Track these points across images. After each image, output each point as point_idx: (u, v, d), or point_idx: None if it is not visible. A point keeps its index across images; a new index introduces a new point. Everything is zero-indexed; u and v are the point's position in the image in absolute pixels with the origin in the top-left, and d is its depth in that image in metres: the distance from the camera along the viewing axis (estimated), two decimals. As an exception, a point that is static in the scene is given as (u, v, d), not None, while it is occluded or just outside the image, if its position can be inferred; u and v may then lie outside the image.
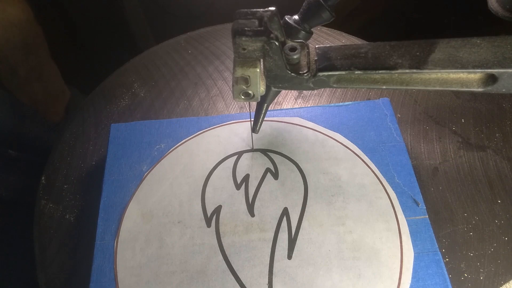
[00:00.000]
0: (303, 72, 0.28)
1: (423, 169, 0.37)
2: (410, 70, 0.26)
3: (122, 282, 0.29)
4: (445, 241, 0.32)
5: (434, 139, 0.39)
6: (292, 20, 0.30)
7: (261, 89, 0.29)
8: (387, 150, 0.35)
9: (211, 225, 0.32)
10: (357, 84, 0.28)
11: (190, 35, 0.52)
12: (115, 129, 0.38)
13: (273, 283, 0.29)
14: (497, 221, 0.33)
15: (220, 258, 0.30)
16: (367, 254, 0.30)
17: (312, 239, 0.31)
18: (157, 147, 0.37)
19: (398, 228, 0.31)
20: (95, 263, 0.30)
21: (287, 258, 0.30)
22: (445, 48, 0.26)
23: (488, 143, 0.38)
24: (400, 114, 0.41)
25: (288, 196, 0.33)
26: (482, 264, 0.31)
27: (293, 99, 0.43)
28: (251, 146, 0.36)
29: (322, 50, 0.29)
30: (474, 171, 0.36)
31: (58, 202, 0.37)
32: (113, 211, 0.33)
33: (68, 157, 0.40)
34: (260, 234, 0.31)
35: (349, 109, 0.39)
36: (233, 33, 0.26)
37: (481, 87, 0.26)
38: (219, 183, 0.34)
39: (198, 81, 0.46)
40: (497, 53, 0.25)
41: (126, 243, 0.31)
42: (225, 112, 0.42)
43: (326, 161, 0.35)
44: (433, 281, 0.28)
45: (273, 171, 0.35)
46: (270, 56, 0.26)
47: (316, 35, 0.49)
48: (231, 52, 0.40)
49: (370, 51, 0.27)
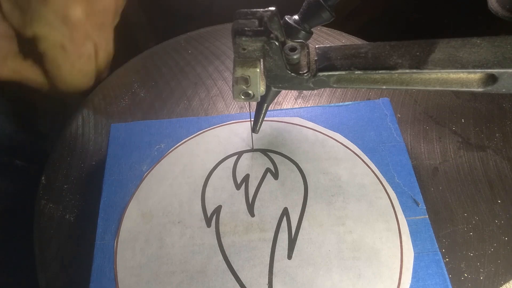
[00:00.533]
0: (303, 72, 0.28)
1: (423, 169, 0.37)
2: (410, 70, 0.26)
3: (122, 282, 0.29)
4: (445, 241, 0.32)
5: (434, 139, 0.39)
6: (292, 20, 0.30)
7: (261, 89, 0.29)
8: (387, 150, 0.35)
9: (211, 225, 0.32)
10: (357, 84, 0.28)
11: (190, 35, 0.52)
12: (115, 129, 0.38)
13: (273, 283, 0.29)
14: (497, 221, 0.33)
15: (220, 258, 0.30)
16: (367, 254, 0.30)
17: (312, 239, 0.31)
18: (157, 147, 0.37)
19: (398, 228, 0.31)
20: (95, 263, 0.30)
21: (287, 258, 0.30)
22: (445, 48, 0.26)
23: (488, 143, 0.38)
24: (400, 114, 0.41)
25: (288, 196, 0.33)
26: (482, 264, 0.31)
27: (293, 99, 0.43)
28: (251, 146, 0.36)
29: (322, 50, 0.29)
30: (474, 171, 0.36)
31: (58, 202, 0.37)
32: (113, 211, 0.33)
33: (68, 157, 0.40)
34: (260, 234, 0.31)
35: (349, 109, 0.39)
36: (233, 33, 0.26)
37: (481, 87, 0.26)
38: (219, 183, 0.34)
39: (198, 81, 0.46)
40: (497, 53, 0.25)
41: (126, 243, 0.31)
42: (225, 112, 0.42)
43: (326, 161, 0.35)
44: (433, 281, 0.28)
45: (273, 171, 0.35)
46: (270, 56, 0.26)
47: (316, 35, 0.49)
48: (231, 52, 0.40)
49: (370, 51, 0.27)
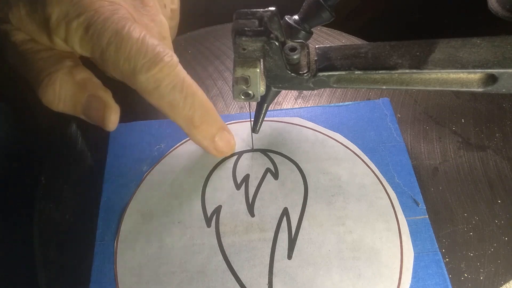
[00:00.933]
0: (303, 72, 0.28)
1: (423, 169, 0.37)
2: (410, 70, 0.26)
3: (122, 282, 0.29)
4: (445, 241, 0.32)
5: (434, 139, 0.39)
6: (292, 20, 0.30)
7: (261, 89, 0.29)
8: (387, 150, 0.35)
9: (211, 225, 0.32)
10: (357, 84, 0.28)
11: (190, 35, 0.52)
12: (115, 129, 0.38)
13: (273, 283, 0.29)
14: (497, 221, 0.33)
15: (220, 258, 0.30)
16: (367, 254, 0.30)
17: (312, 239, 0.31)
18: (157, 147, 0.37)
19: (398, 228, 0.31)
20: (95, 263, 0.30)
21: (287, 258, 0.30)
22: (445, 48, 0.26)
23: (488, 143, 0.38)
24: (400, 114, 0.41)
25: (288, 196, 0.33)
26: (482, 264, 0.31)
27: (293, 99, 0.43)
28: (251, 146, 0.36)
29: (322, 50, 0.29)
30: (474, 171, 0.36)
31: (58, 202, 0.37)
32: (113, 211, 0.33)
33: (68, 157, 0.40)
34: (260, 234, 0.31)
35: (349, 109, 0.39)
36: (233, 33, 0.26)
37: (481, 87, 0.26)
38: (219, 183, 0.34)
39: (198, 81, 0.46)
40: (497, 53, 0.25)
41: (126, 243, 0.31)
42: (225, 112, 0.42)
43: (326, 161, 0.35)
44: (433, 281, 0.28)
45: (273, 171, 0.35)
46: (270, 56, 0.26)
47: (316, 35, 0.49)
48: (231, 52, 0.40)
49: (370, 51, 0.27)
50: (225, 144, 0.33)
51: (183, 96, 0.28)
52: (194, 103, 0.29)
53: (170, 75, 0.27)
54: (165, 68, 0.27)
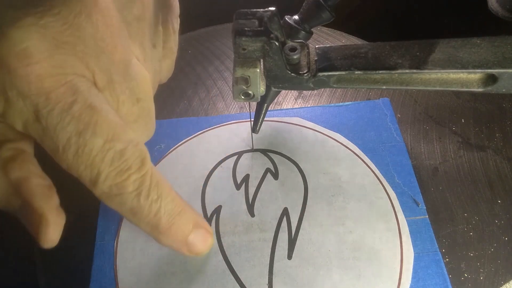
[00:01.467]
0: (303, 72, 0.28)
1: (423, 169, 0.37)
2: (410, 70, 0.26)
3: (122, 282, 0.29)
4: (445, 241, 0.32)
5: (434, 139, 0.39)
6: (292, 20, 0.30)
7: (261, 89, 0.29)
8: (387, 150, 0.35)
9: (211, 225, 0.32)
10: (357, 84, 0.28)
11: (190, 35, 0.52)
12: (115, 129, 0.38)
13: (273, 283, 0.29)
14: (497, 221, 0.33)
15: (220, 258, 0.30)
16: (367, 254, 0.30)
17: (312, 239, 0.31)
18: (157, 147, 0.37)
19: (398, 228, 0.31)
20: (95, 263, 0.30)
21: (287, 258, 0.30)
22: (445, 48, 0.26)
23: (488, 143, 0.38)
24: (400, 114, 0.41)
25: (288, 196, 0.33)
26: (482, 264, 0.31)
27: (293, 99, 0.43)
28: (251, 146, 0.36)
29: (322, 50, 0.29)
30: (474, 171, 0.36)
31: (58, 202, 0.37)
32: (113, 211, 0.33)
33: (68, 157, 0.40)
34: (260, 234, 0.31)
35: (349, 109, 0.39)
36: (233, 33, 0.26)
37: (481, 87, 0.26)
38: (219, 183, 0.34)
39: (198, 81, 0.46)
40: (497, 53, 0.25)
41: (126, 243, 0.31)
42: (225, 112, 0.42)
43: (326, 161, 0.35)
44: (433, 281, 0.28)
45: (273, 171, 0.35)
46: (270, 56, 0.26)
47: (316, 35, 0.49)
48: (231, 52, 0.40)
49: (370, 51, 0.27)
50: (201, 243, 0.27)
51: (148, 203, 0.23)
52: (161, 208, 0.24)
53: (136, 182, 0.23)
54: (132, 176, 0.22)
